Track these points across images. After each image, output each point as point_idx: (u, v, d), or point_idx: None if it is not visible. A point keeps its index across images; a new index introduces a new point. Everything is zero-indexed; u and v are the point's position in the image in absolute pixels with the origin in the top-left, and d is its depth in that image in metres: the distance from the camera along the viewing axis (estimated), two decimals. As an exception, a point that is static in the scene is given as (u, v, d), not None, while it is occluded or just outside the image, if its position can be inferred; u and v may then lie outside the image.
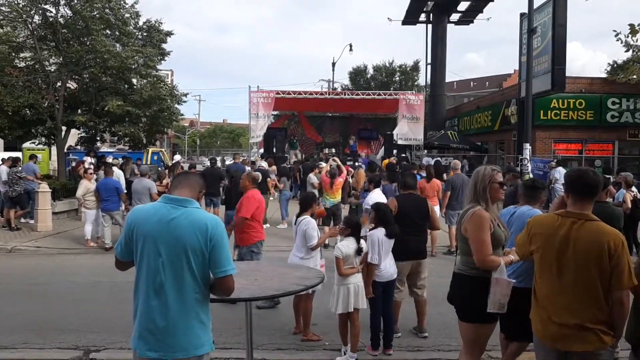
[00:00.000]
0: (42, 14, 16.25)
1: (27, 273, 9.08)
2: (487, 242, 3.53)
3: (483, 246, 3.52)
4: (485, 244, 3.52)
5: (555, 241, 3.05)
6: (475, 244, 3.55)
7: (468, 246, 3.66)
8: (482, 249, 3.51)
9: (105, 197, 10.93)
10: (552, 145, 19.85)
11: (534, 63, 16.34)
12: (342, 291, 5.06)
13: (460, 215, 3.81)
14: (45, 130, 16.98)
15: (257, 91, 23.63)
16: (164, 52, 18.62)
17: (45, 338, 5.84)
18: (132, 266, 2.92)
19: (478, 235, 3.53)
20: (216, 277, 2.75)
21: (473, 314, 3.65)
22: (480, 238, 3.52)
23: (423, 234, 6.00)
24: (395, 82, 41.11)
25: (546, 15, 17.17)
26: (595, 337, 2.92)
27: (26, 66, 16.82)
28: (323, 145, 29.60)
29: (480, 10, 29.68)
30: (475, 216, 3.58)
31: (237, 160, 16.64)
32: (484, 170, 3.74)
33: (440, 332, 6.05)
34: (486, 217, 3.57)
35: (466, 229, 3.63)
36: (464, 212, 3.73)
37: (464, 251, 3.74)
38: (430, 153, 25.35)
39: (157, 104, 17.11)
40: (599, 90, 19.60)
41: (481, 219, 3.55)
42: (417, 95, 24.66)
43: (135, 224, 2.79)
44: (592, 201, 3.10)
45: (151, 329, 2.71)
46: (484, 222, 3.54)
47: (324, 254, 6.25)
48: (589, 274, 2.92)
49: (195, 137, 74.05)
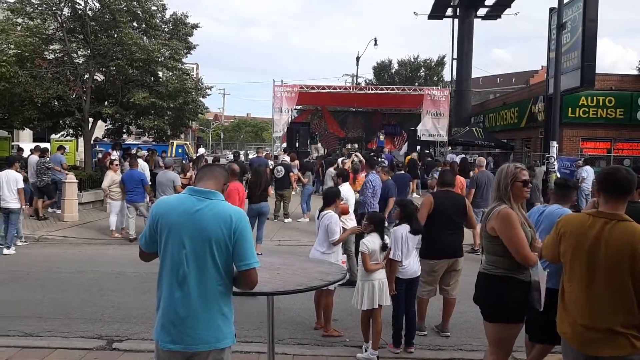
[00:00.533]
0: (71, 6, 16.46)
1: (54, 262, 9.24)
2: (523, 237, 3.46)
3: (520, 242, 3.45)
4: (523, 240, 3.45)
5: (585, 242, 2.96)
6: (511, 242, 3.47)
7: (493, 245, 3.59)
8: (521, 246, 3.45)
9: (130, 188, 11.06)
10: (580, 144, 19.50)
11: (563, 59, 16.00)
12: (367, 287, 5.03)
13: (485, 214, 3.73)
14: (73, 121, 17.23)
15: (281, 85, 23.66)
16: (190, 46, 18.71)
17: (70, 327, 5.94)
18: (156, 257, 2.92)
19: (512, 233, 3.46)
20: (240, 270, 2.74)
21: (498, 314, 3.58)
22: (515, 235, 3.45)
23: (459, 232, 5.87)
24: (420, 77, 40.75)
25: (576, 10, 16.80)
26: (626, 342, 2.82)
27: (55, 58, 17.06)
28: (346, 141, 29.53)
29: (508, 5, 29.28)
30: (503, 215, 3.50)
31: (260, 154, 16.69)
32: (507, 168, 3.66)
33: (463, 332, 5.98)
34: (513, 214, 3.50)
35: (494, 228, 3.55)
36: (489, 210, 3.66)
37: (489, 250, 3.67)
38: (455, 150, 25.11)
39: (183, 97, 17.22)
40: (630, 88, 19.18)
41: (509, 217, 3.48)
42: (442, 91, 24.39)
43: (160, 215, 2.78)
44: (625, 201, 2.99)
45: (173, 320, 2.71)
46: (513, 219, 3.47)
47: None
48: (620, 277, 2.82)
49: (219, 131, 74.55)
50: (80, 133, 18.59)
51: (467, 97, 29.27)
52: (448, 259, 5.68)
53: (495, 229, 3.53)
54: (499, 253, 3.57)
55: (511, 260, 3.51)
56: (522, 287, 3.54)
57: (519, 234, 3.46)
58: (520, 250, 3.45)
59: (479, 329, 5.88)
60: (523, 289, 3.54)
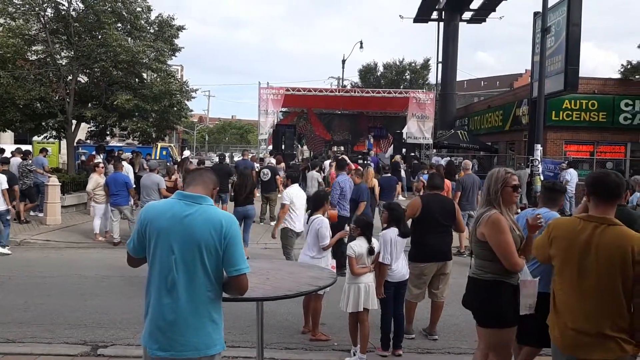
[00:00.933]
0: (55, 7, 16.27)
1: (36, 266, 9.09)
2: (512, 243, 3.47)
3: (508, 249, 3.45)
4: (511, 246, 3.46)
5: (576, 246, 2.97)
6: (499, 248, 3.47)
7: (483, 250, 3.59)
8: (509, 252, 3.45)
9: (114, 191, 10.93)
10: (563, 147, 19.69)
11: (547, 63, 16.16)
12: (352, 290, 5.02)
13: (475, 219, 3.73)
14: (56, 123, 17.02)
15: (267, 87, 23.60)
16: (175, 48, 18.58)
17: (53, 332, 5.83)
18: (144, 263, 2.87)
19: (501, 238, 3.46)
20: (230, 275, 2.70)
21: (491, 319, 3.58)
22: (504, 241, 3.45)
23: (448, 235, 5.88)
24: (405, 80, 40.98)
25: (560, 14, 16.98)
26: (616, 346, 2.83)
27: (38, 59, 16.85)
28: (332, 143, 29.54)
29: (493, 9, 29.52)
30: (492, 220, 3.50)
31: (246, 156, 16.62)
32: (497, 173, 3.66)
33: (450, 335, 5.99)
34: (502, 220, 3.50)
35: (483, 234, 3.55)
36: (478, 216, 3.65)
37: (478, 255, 3.67)
38: (440, 152, 25.25)
39: (168, 99, 17.09)
40: (612, 92, 19.42)
41: (499, 222, 3.48)
42: (427, 94, 24.53)
43: (149, 220, 2.74)
44: (615, 205, 3.01)
45: (161, 326, 2.66)
46: (503, 225, 3.47)
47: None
48: (611, 280, 2.83)
49: (203, 133, 74.13)
50: (63, 135, 18.36)
51: (452, 100, 29.45)
52: (437, 262, 5.68)
53: (485, 235, 3.53)
54: (488, 258, 3.57)
55: (500, 265, 3.51)
56: (513, 290, 3.55)
57: (508, 240, 3.46)
58: (508, 256, 3.46)
59: (466, 332, 5.91)
60: (513, 292, 3.55)
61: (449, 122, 28.29)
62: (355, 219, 5.63)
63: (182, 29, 18.44)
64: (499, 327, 3.57)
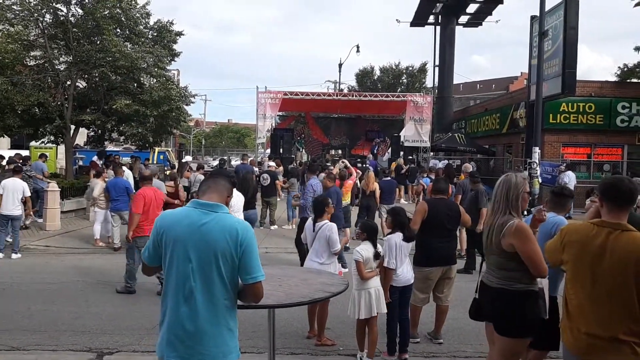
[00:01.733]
0: (53, 12, 16.25)
1: (38, 272, 9.07)
2: (540, 251, 3.45)
3: (538, 256, 3.44)
4: (540, 254, 3.44)
5: (590, 251, 2.99)
6: (531, 257, 3.44)
7: (511, 261, 3.54)
8: (539, 260, 3.44)
9: (115, 196, 10.91)
10: (561, 149, 19.75)
11: (545, 66, 16.22)
12: (363, 296, 5.02)
13: (494, 228, 3.62)
14: (54, 129, 16.99)
15: (265, 92, 23.61)
16: (174, 53, 18.60)
17: (58, 340, 5.82)
18: (159, 271, 2.88)
19: (531, 247, 3.44)
20: (246, 283, 2.71)
21: (521, 329, 3.56)
22: (534, 249, 3.44)
23: (453, 239, 5.93)
24: (402, 83, 41.06)
25: (557, 18, 17.05)
26: (629, 350, 2.84)
27: (36, 65, 16.84)
28: (329, 147, 29.56)
29: (490, 13, 29.65)
30: (520, 230, 3.47)
31: (246, 161, 16.62)
32: (515, 179, 3.62)
33: (455, 338, 6.00)
34: (528, 228, 3.49)
35: (512, 245, 3.49)
36: (499, 225, 3.57)
37: (503, 266, 3.60)
38: (437, 155, 25.30)
39: (167, 104, 17.10)
40: (609, 94, 19.50)
41: (527, 231, 3.46)
42: (424, 97, 24.59)
43: (165, 228, 2.75)
44: (628, 210, 3.03)
45: (180, 335, 2.67)
46: (530, 233, 3.46)
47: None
48: (624, 285, 2.85)
49: (200, 137, 74.04)
50: (61, 140, 18.33)
51: (449, 103, 29.53)
52: (442, 266, 5.70)
53: (514, 245, 3.48)
54: (515, 268, 3.53)
55: (529, 274, 3.49)
56: (539, 297, 3.56)
57: (536, 248, 3.45)
58: (538, 264, 3.44)
59: (471, 336, 5.93)
60: (537, 299, 3.55)
61: (446, 125, 28.37)
62: (360, 224, 5.63)
63: (181, 34, 18.47)
64: (524, 336, 3.56)
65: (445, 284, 5.82)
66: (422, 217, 5.67)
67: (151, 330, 5.99)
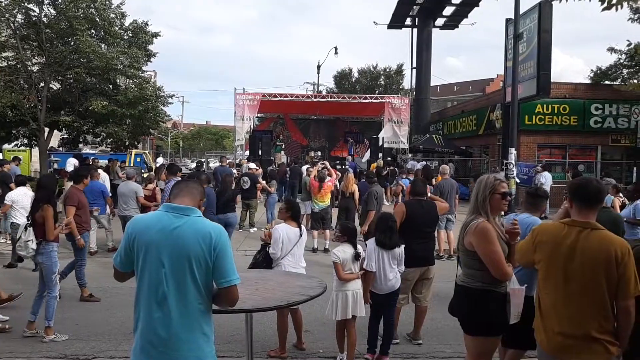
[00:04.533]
0: (25, 13, 15.98)
1: (10, 277, 8.85)
2: (500, 253, 3.45)
3: (497, 258, 3.44)
4: (499, 255, 3.45)
5: (561, 250, 3.04)
6: (488, 258, 3.46)
7: (471, 259, 3.58)
8: (498, 262, 3.44)
9: (91, 200, 10.69)
10: (537, 150, 20.04)
11: (520, 68, 16.45)
12: (340, 297, 5.00)
13: (462, 227, 3.70)
14: (28, 131, 16.68)
15: (243, 93, 23.52)
16: (149, 54, 18.41)
17: (32, 346, 5.69)
18: (131, 277, 2.83)
19: (489, 248, 3.45)
20: (220, 287, 2.68)
21: (479, 327, 3.58)
22: (493, 250, 3.44)
23: (431, 240, 5.96)
24: (380, 85, 41.28)
25: (532, 21, 17.30)
26: (602, 348, 2.90)
27: (8, 66, 16.51)
28: (309, 149, 29.56)
29: (466, 15, 29.96)
30: (480, 229, 3.48)
31: (224, 163, 16.51)
32: (486, 180, 3.64)
33: (434, 339, 6.03)
34: (490, 229, 3.48)
35: (471, 243, 3.53)
36: (465, 224, 3.63)
37: (466, 263, 3.66)
38: (415, 157, 25.47)
39: (143, 105, 16.91)
40: (583, 96, 19.85)
41: (487, 231, 3.46)
42: (402, 99, 24.78)
43: (136, 233, 2.70)
44: (597, 210, 3.10)
45: (154, 341, 2.63)
46: (491, 234, 3.46)
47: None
48: (596, 284, 2.91)
49: (178, 139, 73.35)
50: (35, 143, 18.01)
51: (427, 105, 29.77)
52: (420, 267, 5.73)
53: (473, 244, 3.52)
54: (476, 267, 3.56)
55: (489, 274, 3.50)
56: (501, 299, 3.55)
57: (496, 249, 3.45)
58: (496, 266, 3.44)
59: (450, 336, 5.96)
60: (502, 301, 3.55)
61: (423, 127, 28.61)
62: (340, 227, 5.58)
63: (157, 35, 18.32)
64: (485, 335, 3.58)
65: (424, 285, 5.85)
66: (401, 219, 5.68)
67: (128, 336, 5.89)
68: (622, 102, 19.55)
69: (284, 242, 5.38)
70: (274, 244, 5.37)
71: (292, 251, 5.42)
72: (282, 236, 5.38)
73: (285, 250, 5.38)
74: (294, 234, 5.45)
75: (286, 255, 5.39)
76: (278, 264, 5.40)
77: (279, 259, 5.38)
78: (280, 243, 5.36)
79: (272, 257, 5.41)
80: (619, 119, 19.63)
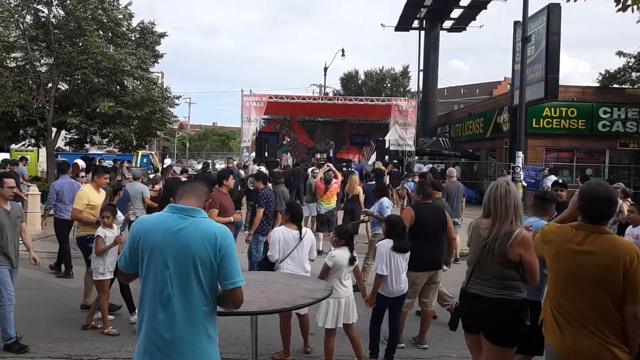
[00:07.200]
0: (34, 14, 16.07)
1: (16, 278, 8.86)
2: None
3: (537, 264, 3.45)
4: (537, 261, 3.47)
5: (569, 254, 3.00)
6: (534, 265, 3.45)
7: (512, 271, 3.51)
8: (537, 268, 3.46)
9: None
10: (544, 154, 19.94)
11: (528, 71, 16.38)
12: (332, 304, 4.87)
13: (499, 237, 3.50)
14: (35, 131, 16.76)
15: (250, 95, 23.59)
16: (157, 54, 18.47)
17: (37, 347, 5.68)
18: (136, 278, 2.81)
19: (534, 256, 3.44)
20: (225, 289, 2.66)
21: (517, 338, 3.55)
22: (535, 260, 3.44)
23: (440, 244, 5.87)
24: (386, 87, 41.26)
25: (540, 24, 17.22)
26: (609, 354, 2.85)
27: (17, 66, 16.60)
28: (315, 150, 29.57)
29: (474, 18, 29.88)
30: (526, 239, 3.45)
31: (231, 164, 16.52)
32: (514, 187, 3.62)
33: (439, 343, 5.98)
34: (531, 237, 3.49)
35: (520, 255, 3.45)
36: (505, 234, 3.48)
37: (503, 275, 3.52)
38: (422, 159, 25.41)
39: (150, 106, 16.95)
40: (591, 99, 19.75)
41: (532, 240, 3.45)
42: (409, 102, 24.75)
43: (141, 234, 2.68)
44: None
45: (158, 343, 2.61)
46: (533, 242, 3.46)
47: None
48: (603, 289, 2.87)
49: (184, 140, 73.54)
50: (42, 143, 18.08)
51: (434, 107, 29.69)
52: (429, 271, 5.68)
53: (522, 255, 3.45)
54: (515, 277, 3.52)
55: (522, 282, 3.51)
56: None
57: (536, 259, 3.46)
58: (536, 271, 3.46)
59: (455, 341, 5.90)
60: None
61: (430, 130, 28.53)
62: (337, 230, 5.50)
63: (164, 35, 18.37)
64: (517, 345, 3.56)
65: (431, 289, 5.81)
66: (410, 223, 5.61)
67: (132, 337, 5.88)
68: (630, 106, 19.41)
69: (281, 245, 5.31)
70: (270, 247, 5.34)
71: (292, 254, 5.34)
72: (279, 238, 5.33)
73: (284, 253, 5.31)
74: (292, 237, 5.37)
75: (285, 258, 5.33)
76: (278, 267, 5.35)
77: (279, 262, 5.34)
78: (276, 245, 5.30)
79: (270, 260, 5.36)
80: (628, 123, 19.51)
